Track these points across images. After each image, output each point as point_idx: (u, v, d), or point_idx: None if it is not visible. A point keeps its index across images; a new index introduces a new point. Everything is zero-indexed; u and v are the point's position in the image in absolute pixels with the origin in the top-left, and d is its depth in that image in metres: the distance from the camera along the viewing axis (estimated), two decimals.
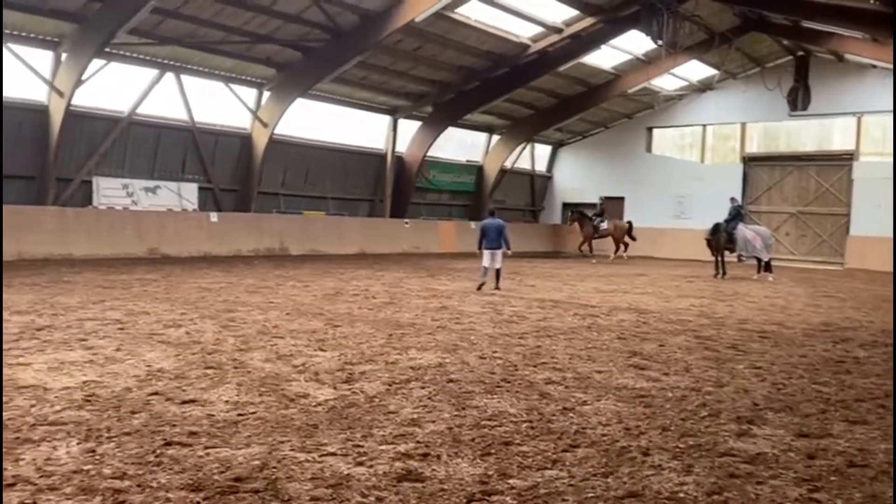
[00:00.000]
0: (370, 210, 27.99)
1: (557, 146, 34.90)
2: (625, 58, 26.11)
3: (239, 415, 5.00)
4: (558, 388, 6.12)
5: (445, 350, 7.63)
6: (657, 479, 4.06)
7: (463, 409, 5.38)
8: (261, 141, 22.80)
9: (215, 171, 22.65)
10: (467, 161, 31.48)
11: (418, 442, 4.57)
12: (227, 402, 5.34)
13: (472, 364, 6.98)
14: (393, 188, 27.85)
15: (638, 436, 4.85)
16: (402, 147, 27.97)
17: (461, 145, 30.90)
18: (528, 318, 10.26)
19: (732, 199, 20.85)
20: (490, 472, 4.09)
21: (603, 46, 24.13)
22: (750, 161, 29.66)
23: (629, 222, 26.32)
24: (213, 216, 21.47)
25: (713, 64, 27.11)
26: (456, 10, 20.57)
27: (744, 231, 19.17)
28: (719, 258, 19.67)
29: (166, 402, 5.27)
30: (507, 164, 32.07)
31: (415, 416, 5.15)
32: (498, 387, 6.11)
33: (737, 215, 19.79)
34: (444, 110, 27.05)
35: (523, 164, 33.73)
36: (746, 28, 24.33)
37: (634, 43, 24.20)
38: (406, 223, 27.31)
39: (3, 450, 4.12)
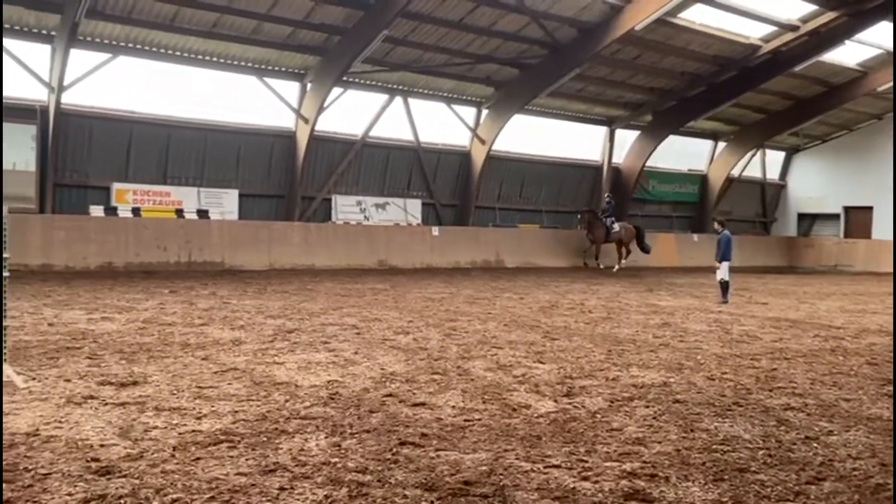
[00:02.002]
0: None
1: (792, 152, 32.18)
2: (873, 52, 23.52)
3: (465, 420, 5.20)
4: (798, 416, 5.63)
5: (669, 369, 7.34)
6: None
7: (691, 430, 5.15)
8: (479, 157, 23.58)
9: (437, 187, 23.79)
10: (689, 170, 30.08)
11: (644, 462, 4.44)
12: (453, 407, 5.57)
13: (700, 385, 6.65)
14: None
15: None
16: (619, 158, 27.41)
17: (683, 154, 29.58)
18: (761, 339, 9.55)
19: None
20: (724, 499, 3.87)
21: (847, 42, 21.89)
22: None
23: (637, 227, 23.61)
24: (435, 230, 22.55)
25: None
26: (678, 16, 19.83)
27: None
28: None
29: (399, 403, 5.62)
30: (735, 173, 30.17)
31: (639, 434, 5.01)
32: (729, 410, 5.76)
33: None
34: (664, 118, 26.13)
35: (753, 172, 31.48)
36: None
37: (885, 35, 21.65)
38: None
39: (265, 438, 4.65)
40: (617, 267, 22.90)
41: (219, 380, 6.18)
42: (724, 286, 14.01)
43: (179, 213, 19.02)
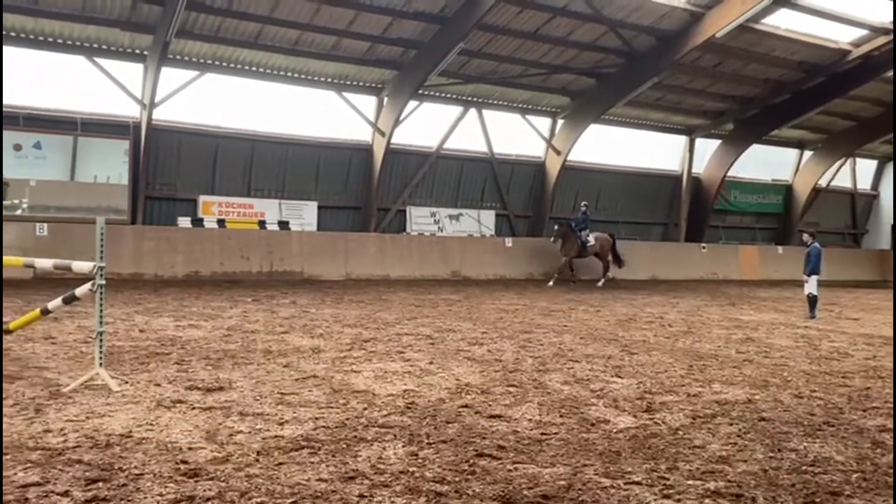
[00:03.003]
0: (663, 234, 27.14)
1: (885, 161, 30.66)
2: None
3: (542, 434, 5.15)
4: None
5: (754, 386, 7.09)
6: None
7: (778, 450, 4.95)
8: (553, 168, 23.43)
9: (511, 198, 23.76)
10: (773, 180, 29.06)
11: (729, 481, 4.29)
12: (529, 420, 5.53)
13: (787, 403, 6.39)
14: (689, 211, 26.70)
15: None
16: (699, 167, 26.73)
17: (766, 163, 28.62)
18: (853, 356, 9.10)
19: None
20: None
21: None
22: None
23: (611, 234, 21.69)
24: (508, 241, 22.50)
25: None
26: (761, 21, 19.24)
27: None
28: None
29: (475, 414, 5.62)
30: (822, 183, 28.95)
31: (723, 453, 4.85)
32: (819, 430, 5.50)
33: None
34: (746, 127, 25.34)
35: (842, 181, 30.14)
36: None
37: None
38: (703, 247, 25.95)
39: (345, 445, 4.73)
40: (602, 281, 20.83)
41: (300, 387, 6.33)
42: (812, 301, 13.44)
43: (262, 224, 19.66)
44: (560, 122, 23.47)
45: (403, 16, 17.66)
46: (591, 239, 20.64)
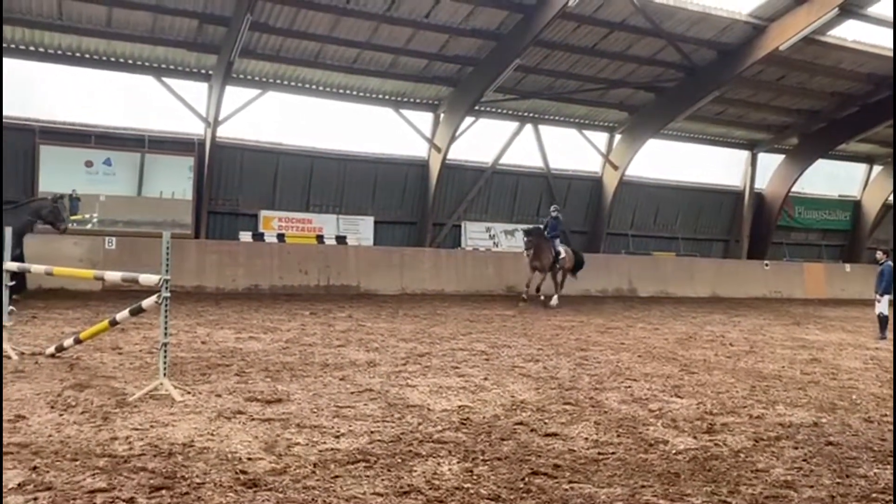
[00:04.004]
0: (724, 251, 26.51)
1: None
2: None
3: (599, 453, 5.08)
4: None
5: (821, 408, 6.84)
6: None
7: (847, 476, 4.76)
8: (611, 183, 23.17)
9: (567, 213, 23.57)
10: (840, 196, 28.11)
11: None
12: (586, 439, 5.46)
13: (856, 427, 6.14)
14: (751, 227, 26.04)
15: None
16: (762, 183, 26.06)
17: (833, 178, 27.74)
18: None
19: None
20: None
21: None
22: None
23: (575, 251, 18.65)
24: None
25: None
26: (828, 34, 18.72)
27: None
28: None
29: (531, 432, 5.58)
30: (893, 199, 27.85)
31: (788, 477, 4.69)
32: (890, 456, 5.28)
33: None
34: (812, 141, 24.64)
35: None
36: None
37: None
38: (766, 265, 25.21)
39: (400, 460, 4.75)
40: (556, 299, 17.42)
41: (355, 400, 6.39)
42: (883, 321, 12.93)
43: (320, 239, 19.99)
44: (617, 136, 23.23)
45: (460, 33, 17.81)
46: (562, 251, 17.48)
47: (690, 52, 19.19)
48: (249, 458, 4.62)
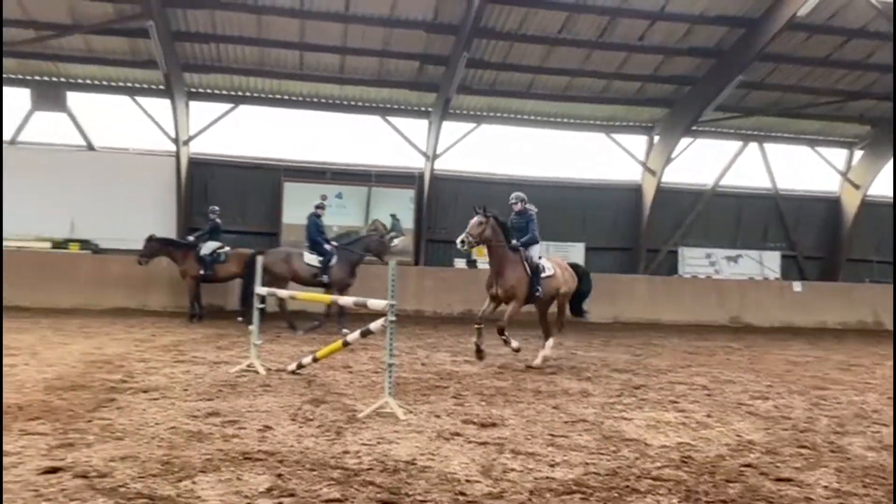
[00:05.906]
0: None
1: None
2: None
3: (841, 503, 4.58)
4: None
5: None
6: None
7: None
8: (851, 204, 21.00)
9: (799, 237, 21.70)
10: None
11: None
12: (825, 487, 4.95)
13: None
14: None
15: None
16: None
17: None
18: None
19: None
20: None
21: None
22: None
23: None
24: (797, 285, 20.49)
25: None
26: None
27: None
28: None
29: (760, 475, 5.17)
30: None
31: None
32: None
33: None
34: None
35: None
36: None
37: None
38: None
39: (617, 495, 4.63)
40: (548, 348, 10.85)
41: (569, 429, 6.34)
42: None
43: None
44: (858, 153, 21.01)
45: (676, 53, 17.25)
46: (550, 265, 12.01)
47: None
48: (468, 480, 4.76)
